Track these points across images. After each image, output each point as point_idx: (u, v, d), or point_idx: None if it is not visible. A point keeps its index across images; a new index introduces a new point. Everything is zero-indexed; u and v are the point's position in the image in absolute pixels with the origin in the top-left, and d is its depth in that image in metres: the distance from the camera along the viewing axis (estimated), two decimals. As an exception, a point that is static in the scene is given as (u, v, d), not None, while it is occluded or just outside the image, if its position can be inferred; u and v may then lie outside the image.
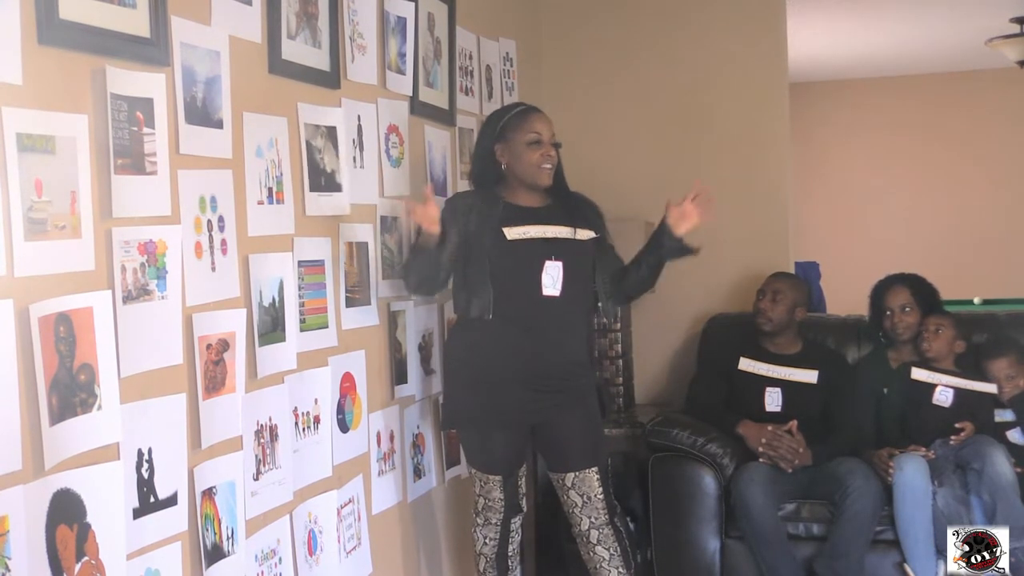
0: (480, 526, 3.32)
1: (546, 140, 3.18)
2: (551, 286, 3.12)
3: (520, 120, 3.18)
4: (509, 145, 3.17)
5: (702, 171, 4.63)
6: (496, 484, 3.25)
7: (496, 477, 3.25)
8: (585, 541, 3.28)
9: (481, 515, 3.31)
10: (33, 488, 1.81)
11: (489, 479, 3.26)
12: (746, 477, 3.71)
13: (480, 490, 3.28)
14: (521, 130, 3.16)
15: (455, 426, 3.32)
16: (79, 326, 1.92)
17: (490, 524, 3.31)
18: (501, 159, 3.18)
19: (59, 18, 1.89)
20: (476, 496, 3.30)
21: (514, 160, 3.17)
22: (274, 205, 2.60)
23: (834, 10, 6.54)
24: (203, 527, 2.28)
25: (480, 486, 3.28)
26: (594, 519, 3.25)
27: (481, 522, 3.31)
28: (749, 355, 4.01)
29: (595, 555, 3.27)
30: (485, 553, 3.34)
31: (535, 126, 3.17)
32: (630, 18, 4.70)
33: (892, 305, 4.02)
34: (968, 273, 8.04)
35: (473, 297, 3.11)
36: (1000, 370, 3.89)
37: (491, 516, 3.30)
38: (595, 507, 3.24)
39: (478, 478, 3.28)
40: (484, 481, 3.26)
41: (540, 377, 3.14)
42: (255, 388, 2.50)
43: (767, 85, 4.64)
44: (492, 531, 3.32)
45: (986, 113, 8.77)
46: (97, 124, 1.99)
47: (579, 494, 3.23)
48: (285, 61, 2.65)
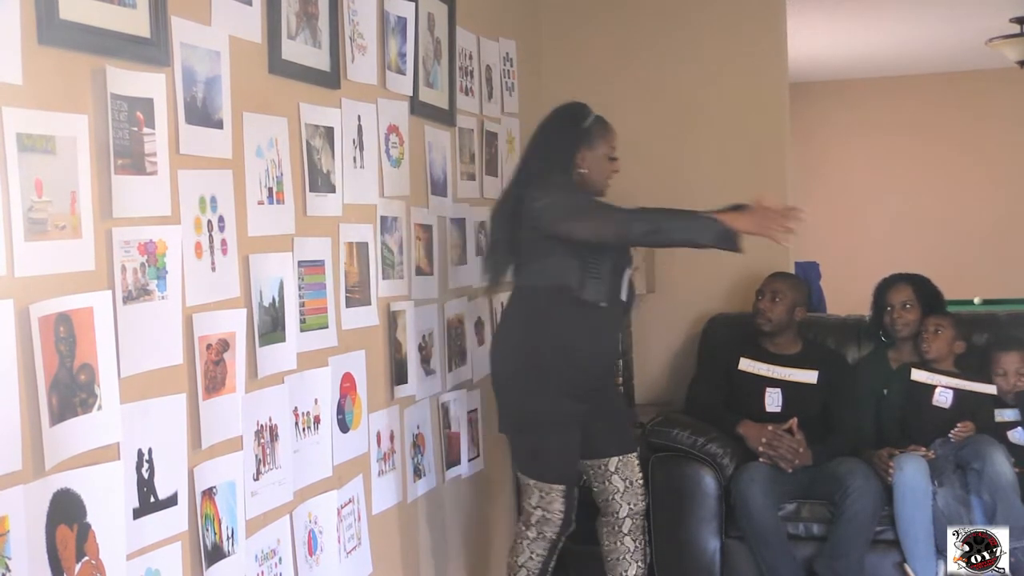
0: (531, 540, 3.20)
1: (616, 156, 3.29)
2: (624, 292, 3.22)
3: (605, 130, 3.26)
4: (594, 153, 3.22)
5: (702, 171, 4.66)
6: (559, 495, 3.15)
7: (560, 487, 3.14)
8: (615, 530, 3.30)
9: (534, 528, 3.18)
10: (33, 488, 1.81)
11: (552, 489, 3.14)
12: (746, 477, 3.71)
13: (539, 502, 3.15)
14: (606, 142, 3.25)
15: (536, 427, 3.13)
16: (79, 326, 1.92)
17: (543, 539, 3.19)
18: (581, 163, 3.20)
19: (59, 18, 1.88)
20: (532, 509, 3.17)
21: (593, 168, 3.22)
22: (274, 205, 2.60)
23: (834, 10, 6.54)
24: (203, 527, 2.28)
25: (540, 498, 3.15)
26: (633, 505, 3.32)
27: (533, 536, 3.19)
28: (749, 355, 4.01)
29: (621, 545, 3.31)
30: (529, 567, 3.22)
31: (614, 140, 3.28)
32: (630, 18, 4.71)
33: (893, 301, 4.03)
34: (968, 273, 8.04)
35: (590, 280, 3.06)
36: (1011, 363, 3.90)
37: (547, 530, 3.18)
38: (636, 493, 3.32)
39: (538, 489, 3.15)
40: (546, 492, 3.14)
41: (604, 375, 3.29)
42: (255, 388, 2.50)
43: (767, 85, 4.64)
44: (543, 546, 3.20)
45: (986, 113, 8.78)
46: (97, 124, 1.98)
47: (622, 478, 3.30)
48: (285, 61, 2.65)
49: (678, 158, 4.67)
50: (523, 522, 3.24)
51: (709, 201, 4.56)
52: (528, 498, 3.20)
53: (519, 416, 3.18)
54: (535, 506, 3.17)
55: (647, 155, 4.64)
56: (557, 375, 3.09)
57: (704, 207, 4.53)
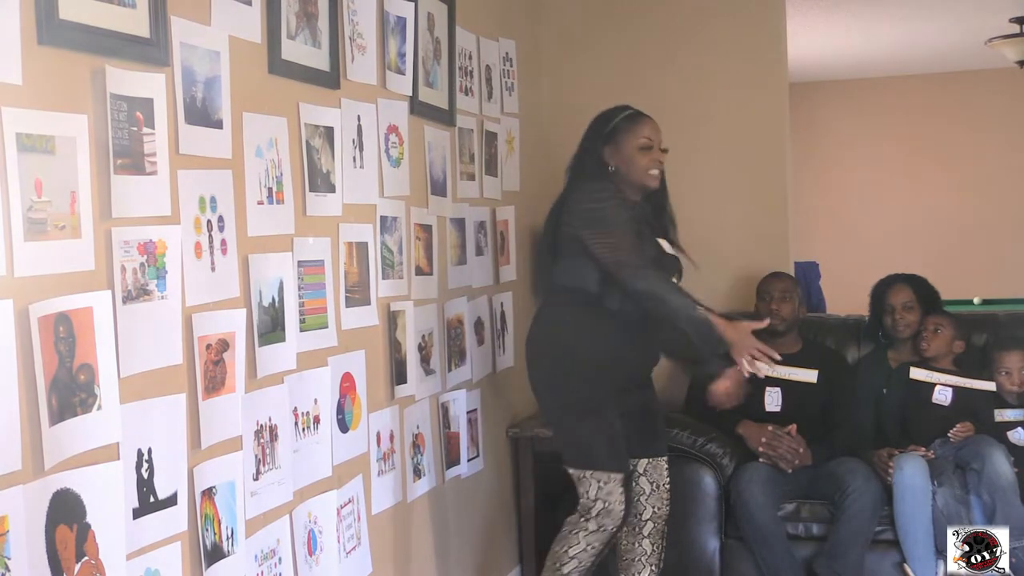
0: (588, 532, 3.14)
1: (656, 145, 3.26)
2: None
3: (631, 124, 3.26)
4: (619, 148, 3.23)
5: (702, 171, 4.65)
6: (618, 484, 3.13)
7: (618, 476, 3.13)
8: (635, 531, 3.30)
9: (595, 520, 3.13)
10: (33, 488, 1.81)
11: (611, 479, 3.11)
12: (746, 477, 3.71)
13: (598, 493, 3.12)
14: (632, 134, 3.24)
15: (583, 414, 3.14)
16: (79, 326, 1.92)
17: (602, 532, 3.14)
18: (609, 161, 3.23)
19: (59, 18, 1.89)
20: (591, 501, 3.13)
21: (624, 163, 3.23)
22: (274, 205, 2.60)
23: (834, 10, 6.54)
24: (203, 527, 2.28)
25: (598, 488, 3.12)
26: (657, 509, 3.32)
27: (593, 528, 3.13)
28: (749, 354, 4.01)
29: (639, 547, 3.30)
30: (581, 559, 3.15)
31: (645, 131, 3.25)
32: (630, 18, 4.70)
33: (894, 303, 4.03)
34: (968, 273, 8.04)
35: (613, 288, 3.08)
36: (1014, 362, 3.90)
37: (607, 523, 3.13)
38: (661, 497, 3.33)
39: (595, 479, 3.12)
40: (604, 481, 3.11)
41: (643, 375, 3.31)
42: (255, 388, 2.50)
43: (767, 85, 4.64)
44: (600, 539, 3.15)
45: (986, 113, 8.78)
46: (97, 124, 1.99)
47: (649, 481, 3.30)
48: (285, 61, 2.65)
49: (678, 158, 4.62)
50: (581, 514, 3.17)
51: (709, 202, 4.59)
52: (586, 490, 3.14)
53: (560, 407, 3.22)
54: (594, 498, 3.12)
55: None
56: (590, 374, 3.14)
57: (704, 207, 4.58)
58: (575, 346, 3.16)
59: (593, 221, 3.13)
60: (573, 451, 3.20)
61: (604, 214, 3.12)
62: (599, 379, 3.14)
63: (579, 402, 3.15)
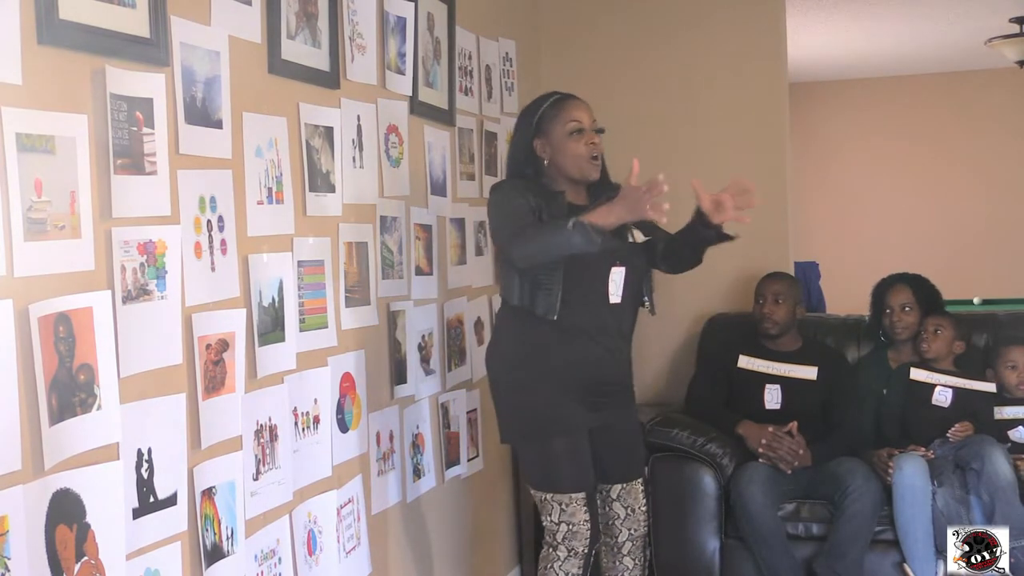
0: (560, 560, 2.94)
1: (587, 127, 2.99)
2: (615, 293, 2.99)
3: (556, 110, 2.99)
4: (549, 139, 2.98)
5: (702, 171, 4.63)
6: (580, 504, 2.93)
7: (580, 495, 2.94)
8: (614, 551, 3.19)
9: (563, 546, 2.93)
10: (33, 488, 1.81)
11: (572, 500, 2.92)
12: (746, 477, 3.71)
13: (560, 516, 2.93)
14: (559, 120, 2.97)
15: (533, 438, 2.97)
16: (79, 326, 1.92)
17: (575, 556, 2.93)
18: (542, 155, 2.99)
19: (59, 18, 1.89)
20: (555, 525, 2.94)
21: (557, 154, 2.97)
22: (274, 205, 2.60)
23: (834, 10, 6.54)
24: (203, 527, 2.28)
25: (560, 512, 2.93)
26: (633, 531, 3.18)
27: (563, 555, 2.93)
28: (749, 352, 4.01)
29: (620, 564, 3.20)
30: None
31: (573, 114, 2.98)
32: (630, 18, 4.70)
33: (893, 304, 4.03)
34: (968, 273, 8.04)
35: (539, 292, 2.89)
36: (1021, 357, 3.89)
37: (576, 545, 2.93)
38: (637, 519, 3.19)
39: (556, 503, 2.93)
40: (566, 504, 2.92)
41: (600, 384, 2.99)
42: (255, 388, 2.50)
43: (767, 85, 4.64)
44: (576, 564, 2.94)
45: (985, 113, 8.78)
46: (97, 124, 1.99)
47: (624, 506, 3.16)
48: (285, 61, 2.65)
49: (678, 158, 4.66)
50: (548, 544, 2.99)
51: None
52: (549, 515, 2.96)
53: (519, 423, 3.03)
54: (558, 521, 2.95)
55: (646, 155, 4.61)
56: (547, 388, 2.95)
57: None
58: (522, 360, 2.98)
59: (491, 218, 3.00)
60: (534, 472, 3.03)
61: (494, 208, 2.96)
62: (552, 392, 2.93)
63: (540, 418, 2.95)
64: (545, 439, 2.96)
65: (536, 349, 2.96)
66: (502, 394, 3.07)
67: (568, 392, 2.96)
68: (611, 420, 3.07)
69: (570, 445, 2.96)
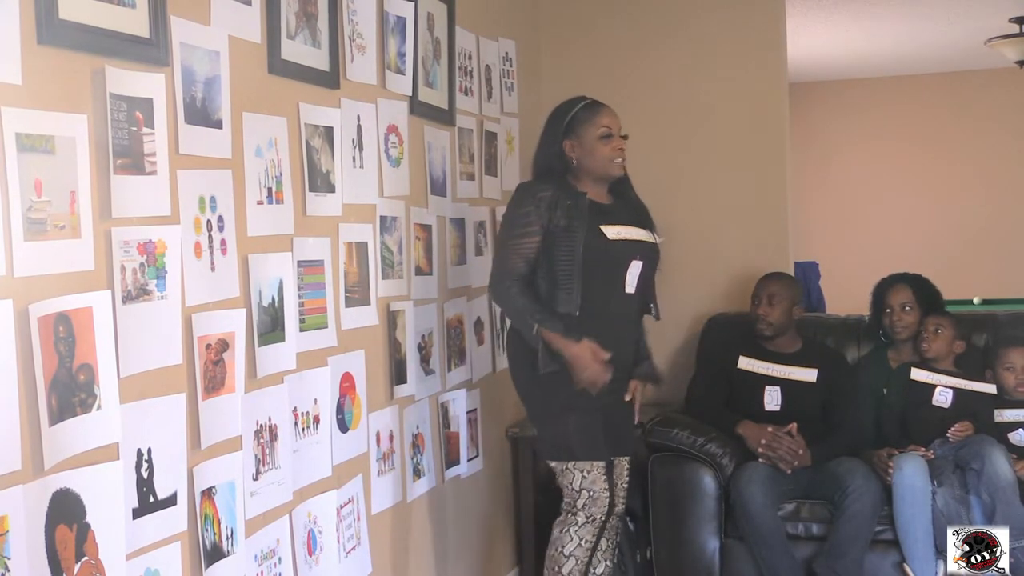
0: (579, 525, 3.17)
1: (616, 133, 3.24)
2: (631, 284, 3.23)
3: (590, 114, 3.24)
4: (580, 140, 3.22)
5: (702, 171, 4.66)
6: (601, 472, 3.17)
7: (600, 463, 3.18)
8: None
9: (582, 512, 3.17)
10: (33, 488, 1.81)
11: (594, 467, 3.16)
12: (746, 477, 3.71)
13: (582, 484, 3.16)
14: (592, 124, 3.22)
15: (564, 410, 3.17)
16: (79, 326, 1.92)
17: (592, 522, 3.17)
18: (571, 155, 3.23)
19: (59, 18, 1.89)
20: (576, 491, 3.17)
21: (586, 155, 3.22)
22: (273, 205, 2.60)
23: (834, 10, 6.54)
24: (203, 527, 2.28)
25: (582, 478, 3.16)
26: (615, 507, 3.31)
27: (582, 520, 3.17)
28: (748, 354, 4.01)
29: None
30: (577, 556, 3.18)
31: (604, 120, 3.23)
32: (630, 18, 4.70)
33: (893, 303, 4.03)
34: (968, 273, 8.04)
35: (559, 292, 3.12)
36: (1019, 358, 3.89)
37: (595, 511, 3.17)
38: (618, 495, 3.33)
39: (578, 470, 3.17)
40: (587, 471, 3.16)
41: (619, 368, 3.22)
42: (255, 388, 2.50)
43: (767, 85, 4.64)
44: (591, 531, 3.18)
45: (985, 113, 8.78)
46: (97, 124, 1.99)
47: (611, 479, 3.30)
48: (285, 61, 2.65)
49: (678, 158, 4.67)
50: (567, 509, 3.21)
51: (709, 201, 4.59)
52: (569, 482, 3.18)
53: (541, 404, 3.25)
54: (579, 488, 3.17)
55: (646, 155, 4.63)
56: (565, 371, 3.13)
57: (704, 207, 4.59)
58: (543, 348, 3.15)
59: (503, 227, 3.24)
60: (553, 445, 3.24)
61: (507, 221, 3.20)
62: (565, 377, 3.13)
63: (559, 399, 3.16)
64: (567, 413, 3.17)
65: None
66: (524, 380, 3.28)
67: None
68: (614, 399, 3.27)
69: (590, 420, 3.19)
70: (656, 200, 3.48)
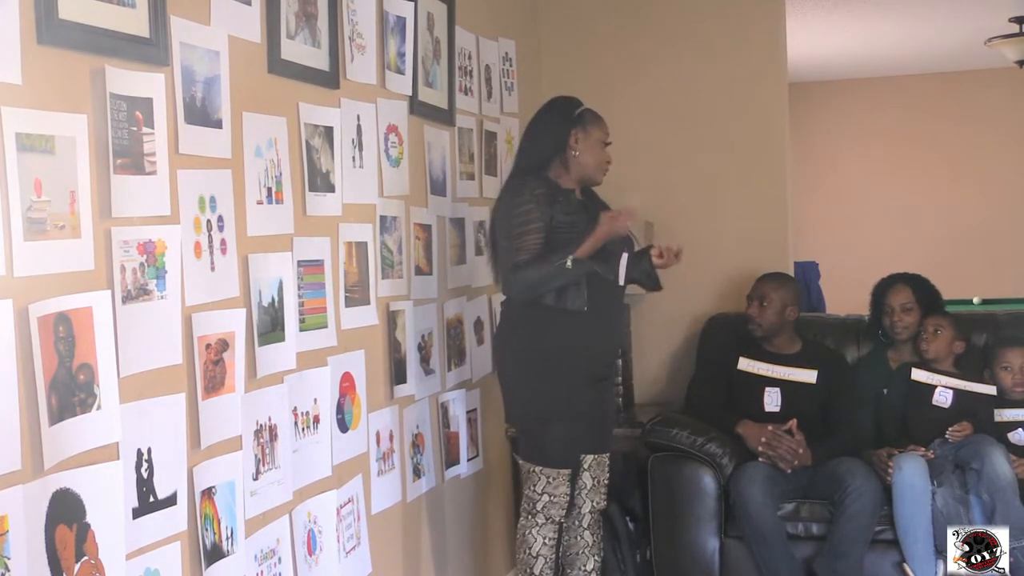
0: (539, 526, 3.28)
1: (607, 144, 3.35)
2: (622, 276, 3.30)
3: (596, 118, 3.32)
4: (588, 136, 3.27)
5: (702, 171, 4.66)
6: (564, 479, 3.26)
7: (566, 471, 3.26)
8: (576, 524, 3.41)
9: (541, 514, 3.27)
10: (32, 488, 1.81)
11: (560, 474, 3.25)
12: (745, 477, 3.71)
13: (544, 488, 3.25)
14: (598, 127, 3.31)
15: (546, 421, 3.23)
16: (78, 326, 1.92)
17: (551, 523, 3.28)
18: (574, 146, 3.25)
19: (59, 18, 1.89)
20: (537, 495, 3.26)
21: (585, 152, 3.27)
22: (273, 205, 2.60)
23: (833, 10, 6.53)
24: (202, 527, 2.28)
25: (546, 483, 3.24)
26: (596, 503, 3.43)
27: (541, 522, 3.27)
28: (748, 354, 4.01)
29: (580, 539, 3.42)
30: (544, 554, 3.29)
31: (606, 129, 3.34)
32: (630, 18, 4.70)
33: (893, 303, 4.03)
34: (968, 273, 8.03)
35: (569, 289, 3.15)
36: (1016, 359, 3.89)
37: (554, 513, 3.27)
38: (600, 492, 3.43)
39: (544, 475, 3.24)
40: (552, 477, 3.24)
41: (606, 364, 3.34)
42: (254, 388, 2.50)
43: (767, 85, 4.64)
44: (552, 530, 3.29)
45: (985, 113, 8.77)
46: (97, 124, 1.99)
47: (592, 476, 3.41)
48: (284, 61, 2.65)
49: (678, 158, 4.67)
50: (527, 511, 3.30)
51: (709, 201, 4.60)
52: (533, 485, 3.27)
53: (526, 411, 3.29)
54: (540, 492, 3.25)
55: (647, 155, 4.64)
56: (557, 374, 3.18)
57: (704, 207, 4.59)
58: (541, 356, 3.21)
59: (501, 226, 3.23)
60: (530, 449, 3.30)
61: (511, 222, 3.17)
62: (565, 383, 3.20)
63: (546, 411, 3.22)
64: (550, 422, 3.23)
65: (558, 341, 3.19)
66: (511, 383, 3.32)
67: (584, 376, 3.23)
68: (602, 394, 3.35)
69: (570, 428, 3.24)
70: (656, 200, 3.49)
